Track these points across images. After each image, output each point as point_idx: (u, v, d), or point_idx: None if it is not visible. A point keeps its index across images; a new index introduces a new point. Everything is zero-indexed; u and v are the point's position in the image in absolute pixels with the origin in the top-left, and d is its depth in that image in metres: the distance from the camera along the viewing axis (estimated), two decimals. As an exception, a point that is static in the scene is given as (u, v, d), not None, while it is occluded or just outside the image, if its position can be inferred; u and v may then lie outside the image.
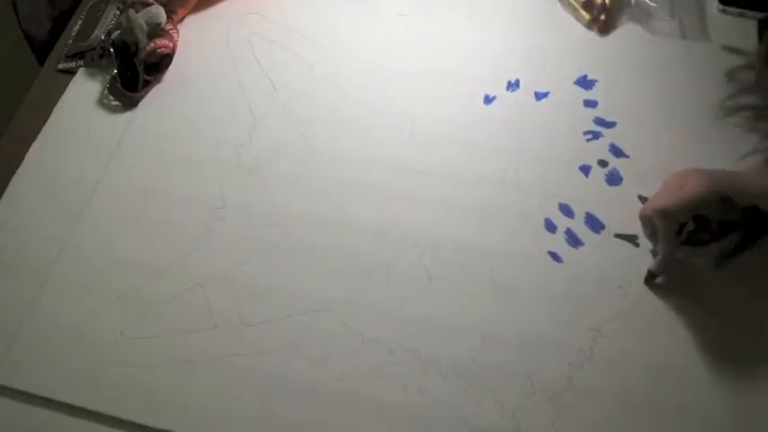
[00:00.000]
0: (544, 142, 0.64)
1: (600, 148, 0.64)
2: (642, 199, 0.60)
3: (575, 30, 0.71)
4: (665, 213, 0.53)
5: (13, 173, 0.66)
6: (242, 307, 0.58)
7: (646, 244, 0.59)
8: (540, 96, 0.67)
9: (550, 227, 0.60)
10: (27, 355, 0.57)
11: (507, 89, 0.67)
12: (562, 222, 0.60)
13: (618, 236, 0.59)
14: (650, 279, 0.57)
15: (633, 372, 0.54)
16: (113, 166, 0.66)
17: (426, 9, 0.74)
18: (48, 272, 0.61)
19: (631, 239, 0.59)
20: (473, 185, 0.63)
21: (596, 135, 0.64)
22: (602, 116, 0.65)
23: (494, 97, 0.67)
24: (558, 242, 0.59)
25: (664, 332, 0.55)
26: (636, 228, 0.59)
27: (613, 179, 0.62)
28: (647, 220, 0.56)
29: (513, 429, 0.52)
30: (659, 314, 0.56)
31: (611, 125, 0.65)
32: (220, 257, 0.60)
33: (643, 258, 0.58)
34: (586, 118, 0.65)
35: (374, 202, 0.62)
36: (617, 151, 0.63)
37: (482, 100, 0.67)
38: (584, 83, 0.67)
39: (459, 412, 0.53)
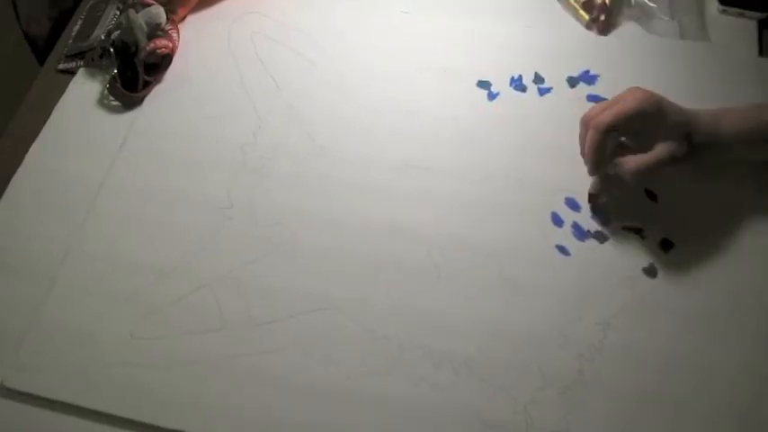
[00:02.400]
0: (549, 137, 0.65)
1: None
2: (648, 193, 0.61)
3: (574, 30, 0.71)
4: (596, 124, 0.55)
5: (13, 173, 0.66)
6: (250, 307, 0.58)
7: (653, 235, 0.59)
8: (543, 92, 0.67)
9: (557, 221, 0.60)
10: (35, 359, 0.56)
11: (510, 85, 0.68)
12: (569, 216, 0.61)
13: (625, 228, 0.60)
14: (594, 200, 0.60)
15: (643, 363, 0.54)
16: (116, 168, 0.65)
17: (428, 6, 0.74)
18: (54, 274, 0.60)
19: (638, 231, 0.59)
20: (478, 182, 0.63)
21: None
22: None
23: (497, 93, 0.68)
24: (565, 236, 0.60)
25: (673, 323, 0.55)
26: (642, 220, 0.60)
27: (618, 173, 0.62)
28: (582, 131, 0.58)
29: (526, 423, 0.52)
30: (668, 305, 0.56)
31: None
32: (227, 257, 0.60)
33: (650, 250, 0.58)
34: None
35: (381, 201, 0.62)
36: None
37: (486, 97, 0.67)
38: (587, 77, 0.67)
39: (471, 407, 0.53)
